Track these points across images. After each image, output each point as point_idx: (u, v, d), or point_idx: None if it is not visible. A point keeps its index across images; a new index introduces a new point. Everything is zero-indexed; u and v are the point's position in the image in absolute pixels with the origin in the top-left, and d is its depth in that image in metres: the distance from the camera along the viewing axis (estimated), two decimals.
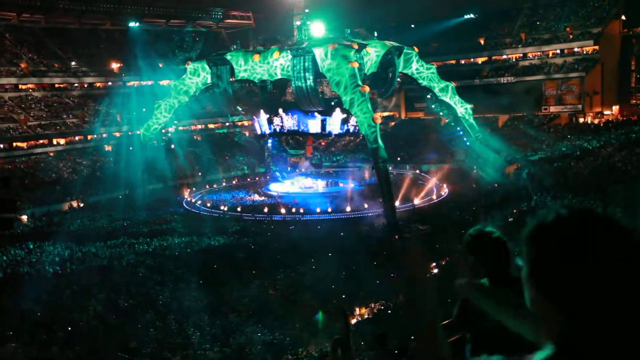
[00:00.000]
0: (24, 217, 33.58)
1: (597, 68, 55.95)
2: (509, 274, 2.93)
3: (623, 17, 58.49)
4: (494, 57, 61.94)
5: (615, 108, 55.89)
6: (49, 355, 19.37)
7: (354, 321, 21.24)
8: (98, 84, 56.70)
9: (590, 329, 1.13)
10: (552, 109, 56.46)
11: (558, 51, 58.34)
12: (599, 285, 1.11)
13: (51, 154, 47.91)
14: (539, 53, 59.53)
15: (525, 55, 60.25)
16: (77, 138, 50.50)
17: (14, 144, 46.48)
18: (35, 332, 20.42)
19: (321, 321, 20.47)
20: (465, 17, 66.99)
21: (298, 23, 45.35)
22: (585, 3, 60.26)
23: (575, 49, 57.31)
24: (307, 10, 46.39)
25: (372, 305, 22.36)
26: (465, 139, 42.47)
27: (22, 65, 52.57)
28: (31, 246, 29.52)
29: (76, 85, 55.74)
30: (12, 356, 18.24)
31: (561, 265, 1.16)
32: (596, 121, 53.33)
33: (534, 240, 1.21)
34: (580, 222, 1.16)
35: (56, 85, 54.32)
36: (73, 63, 56.73)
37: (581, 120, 54.34)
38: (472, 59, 62.63)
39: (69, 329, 21.04)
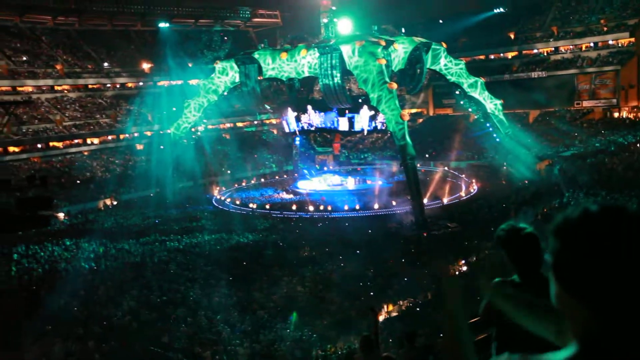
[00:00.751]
0: (61, 215, 34.04)
1: (633, 61, 54.41)
2: (540, 271, 2.93)
3: None
4: (524, 52, 60.90)
5: None
6: (85, 349, 19.79)
7: (382, 318, 21.32)
8: (130, 85, 57.42)
9: (615, 326, 1.13)
10: (585, 103, 55.29)
11: (592, 44, 57.01)
12: (626, 282, 1.11)
13: (85, 153, 48.73)
14: (571, 47, 58.20)
15: (557, 49, 59.06)
16: (110, 137, 51.31)
17: (50, 144, 47.34)
18: (72, 326, 20.90)
19: (294, 322, 20.38)
20: (495, 11, 66.11)
21: (325, 20, 45.34)
22: None
23: (610, 42, 55.98)
24: (334, 8, 46.30)
25: (401, 302, 22.24)
26: (494, 135, 42.05)
27: (58, 67, 53.47)
28: (68, 243, 30.00)
29: (109, 85, 56.54)
30: (50, 348, 18.69)
31: (588, 260, 1.15)
32: (632, 116, 51.96)
33: (560, 234, 1.21)
34: (609, 218, 1.16)
35: (90, 86, 55.16)
36: (106, 64, 57.49)
37: (616, 115, 53.10)
38: (501, 54, 61.53)
39: (104, 323, 21.48)
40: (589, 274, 1.14)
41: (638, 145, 41.97)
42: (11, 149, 44.16)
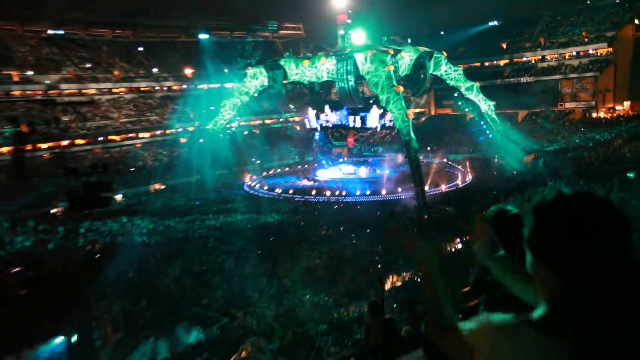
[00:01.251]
0: (118, 197, 34.63)
1: (610, 68, 54.16)
2: (522, 247, 2.96)
3: (636, 21, 56.32)
4: (514, 60, 60.48)
5: (627, 104, 53.75)
6: (138, 308, 20.32)
7: (387, 287, 21.47)
8: (175, 87, 57.77)
9: (579, 292, 1.16)
10: (567, 105, 54.92)
11: (574, 53, 56.47)
12: (588, 255, 1.14)
13: (138, 145, 49.46)
14: (556, 55, 57.75)
15: (543, 57, 58.68)
16: (158, 132, 51.94)
17: (109, 138, 48.17)
18: (127, 290, 21.45)
19: None
20: (489, 24, 65.54)
21: (341, 32, 45.09)
22: (600, 10, 58.08)
23: (590, 51, 55.42)
24: (349, 21, 45.99)
25: (404, 274, 22.31)
26: (488, 132, 41.70)
27: (116, 73, 54.35)
28: (124, 220, 30.61)
29: (157, 88, 57.05)
30: (110, 309, 19.23)
31: (557, 236, 1.19)
32: (608, 116, 51.50)
33: (536, 212, 1.25)
34: (578, 201, 1.20)
35: (142, 89, 55.70)
36: (155, 70, 58.12)
37: (594, 115, 52.53)
38: (494, 62, 61.09)
39: (154, 288, 21.99)
40: (557, 247, 1.19)
41: (613, 141, 41.55)
42: (78, 141, 44.96)
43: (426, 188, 33.96)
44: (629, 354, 1.12)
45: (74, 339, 18.11)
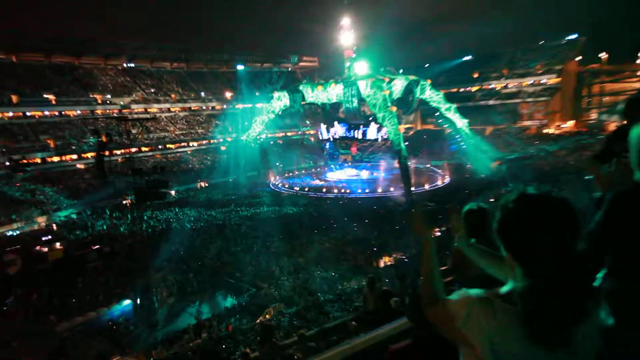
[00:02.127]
0: (173, 192, 34.73)
1: (558, 94, 53.79)
2: (490, 236, 2.88)
3: (579, 58, 55.95)
4: (483, 87, 59.80)
5: (571, 122, 53.10)
6: (187, 278, 20.44)
7: (382, 265, 21.35)
8: (217, 107, 57.91)
9: (534, 274, 1.14)
10: (525, 123, 54.21)
11: (530, 82, 55.77)
12: (544, 243, 1.12)
13: (188, 152, 49.63)
14: (516, 83, 57.03)
15: (506, 85, 57.93)
16: (204, 142, 52.06)
17: (167, 146, 48.53)
18: (179, 263, 21.58)
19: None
20: (464, 58, 65.02)
21: (348, 64, 45.03)
22: (550, 48, 57.62)
23: (543, 81, 54.81)
24: (354, 55, 45.99)
25: (395, 255, 22.23)
26: (462, 143, 41.41)
27: (173, 96, 54.78)
28: (177, 210, 30.87)
29: (204, 108, 57.19)
30: (165, 278, 19.37)
31: (518, 228, 1.16)
32: (556, 132, 50.89)
33: (502, 208, 1.22)
34: (534, 199, 1.16)
35: (192, 108, 55.97)
36: (202, 94, 58.34)
37: (545, 131, 51.95)
38: (467, 88, 60.44)
39: (199, 263, 22.10)
40: (516, 238, 1.17)
41: (560, 152, 41.17)
42: (143, 149, 45.46)
43: (413, 187, 33.67)
44: (570, 323, 1.12)
45: (138, 301, 18.30)
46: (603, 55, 55.84)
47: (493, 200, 27.71)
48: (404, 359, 2.10)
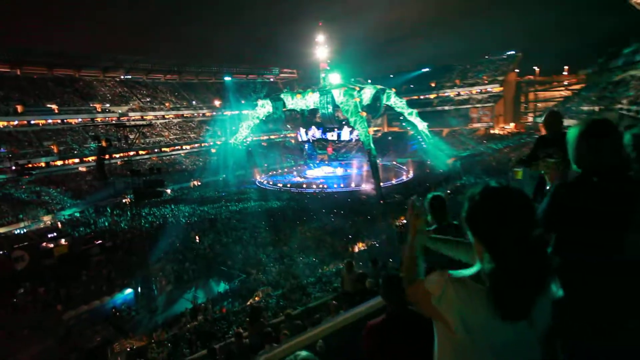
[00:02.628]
0: (168, 190, 33.87)
1: (501, 101, 55.17)
2: (447, 220, 2.95)
3: (517, 70, 58.15)
4: (440, 94, 60.64)
5: (512, 125, 54.99)
6: (183, 267, 20.05)
7: (357, 250, 21.46)
8: (208, 114, 56.73)
9: (499, 257, 1.13)
10: (475, 125, 55.44)
11: (479, 90, 56.97)
12: (502, 233, 1.12)
13: (182, 155, 48.38)
14: (467, 91, 58.22)
15: (459, 93, 58.99)
16: (196, 145, 50.74)
17: (162, 149, 47.16)
18: (175, 254, 21.15)
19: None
20: (423, 70, 65.90)
21: (323, 75, 45.05)
22: (494, 62, 59.18)
23: (488, 89, 56.11)
24: (328, 68, 46.00)
25: (367, 241, 22.40)
26: (423, 143, 41.98)
27: (167, 105, 53.34)
28: (172, 207, 30.13)
29: (196, 115, 55.85)
30: (163, 268, 18.95)
31: (483, 216, 1.16)
32: (501, 132, 52.38)
33: (469, 199, 1.20)
34: (496, 193, 1.16)
35: (185, 115, 54.54)
36: (194, 102, 57.06)
37: (492, 131, 53.36)
38: (426, 95, 61.26)
39: (194, 253, 21.70)
40: (481, 225, 1.17)
41: (504, 150, 42.23)
42: (140, 152, 44.10)
43: (381, 182, 33.92)
44: (531, 298, 1.13)
45: (139, 289, 17.87)
46: (536, 68, 58.35)
47: (449, 191, 28.37)
48: (380, 333, 2.09)
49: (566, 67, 60.44)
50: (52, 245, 20.51)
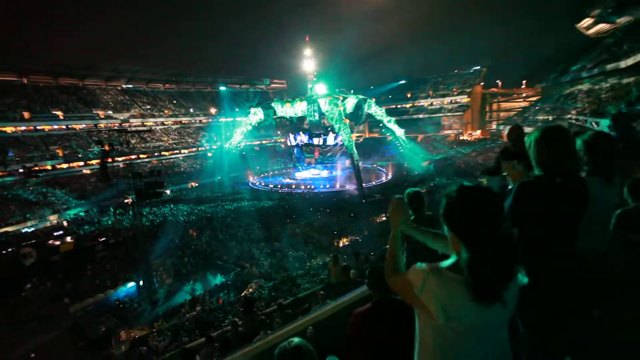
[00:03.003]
0: (168, 191, 33.29)
1: (469, 110, 55.91)
2: (423, 213, 3.03)
3: (482, 83, 58.92)
4: (415, 104, 61.11)
5: (479, 132, 55.82)
6: (182, 262, 19.74)
7: (341, 244, 21.47)
8: (204, 120, 55.93)
9: (474, 248, 1.16)
10: (446, 131, 56.08)
11: (449, 100, 57.70)
12: (476, 226, 1.15)
13: (180, 158, 47.61)
14: (439, 101, 58.88)
15: (432, 103, 59.57)
16: (193, 149, 49.98)
17: (162, 153, 46.27)
18: (175, 250, 20.80)
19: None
20: (400, 82, 66.28)
21: (310, 85, 45.05)
22: (463, 75, 59.93)
23: (458, 100, 56.84)
24: (315, 79, 46.02)
25: (351, 237, 22.50)
26: (400, 148, 42.28)
27: (166, 112, 52.31)
28: (172, 206, 29.64)
29: (193, 121, 54.99)
30: (164, 263, 18.61)
31: (459, 212, 1.19)
32: (469, 139, 53.17)
33: (446, 197, 1.22)
34: (470, 190, 1.19)
35: (183, 122, 53.56)
36: (191, 110, 56.16)
37: (461, 137, 54.15)
38: (403, 105, 61.75)
39: (192, 248, 21.40)
40: (460, 218, 1.19)
41: (472, 154, 42.89)
42: (141, 156, 43.11)
43: (363, 183, 33.98)
44: (504, 282, 1.17)
45: (141, 282, 17.53)
46: (499, 82, 59.65)
47: (424, 190, 28.65)
48: (367, 320, 2.08)
49: (524, 81, 62.18)
50: (58, 243, 19.93)
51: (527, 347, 1.66)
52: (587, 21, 40.83)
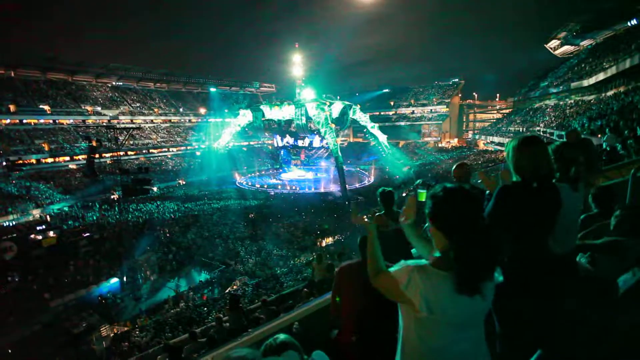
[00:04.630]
0: (155, 188, 32.41)
1: (448, 119, 57.05)
2: (392, 209, 3.09)
3: (460, 95, 60.46)
4: (397, 112, 61.91)
5: (456, 140, 57.03)
6: (167, 258, 19.26)
7: (325, 244, 21.45)
8: (193, 120, 54.83)
9: (458, 244, 1.20)
10: (426, 138, 56.83)
11: (429, 109, 58.72)
12: (461, 221, 1.20)
13: (168, 156, 46.43)
14: (420, 110, 59.86)
15: (413, 111, 60.39)
16: (182, 148, 48.91)
17: (150, 151, 45.13)
18: (160, 247, 20.30)
19: None
20: (384, 90, 67.01)
21: (298, 90, 44.96)
22: (442, 87, 61.08)
23: (437, 109, 57.92)
24: (303, 84, 45.96)
25: (334, 237, 22.50)
26: (382, 152, 42.50)
27: (156, 110, 51.12)
28: (158, 203, 28.89)
29: (182, 120, 53.88)
30: (148, 259, 18.11)
31: (443, 211, 1.23)
32: (447, 146, 54.14)
33: (431, 197, 1.26)
34: (453, 191, 1.23)
35: (172, 121, 52.38)
36: (181, 109, 55.06)
37: (440, 145, 55.13)
38: (386, 112, 62.41)
39: (178, 245, 20.89)
40: (444, 218, 1.24)
41: (449, 160, 43.63)
42: (129, 153, 41.87)
43: (347, 185, 34.08)
44: (484, 277, 1.22)
45: (125, 278, 17.03)
46: (475, 94, 61.31)
47: (404, 194, 28.96)
48: (352, 270, 2.15)
49: (498, 95, 64.23)
50: (40, 237, 19.11)
51: (501, 341, 1.70)
52: (554, 42, 42.60)
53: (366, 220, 1.55)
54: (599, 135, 13.75)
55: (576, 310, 1.68)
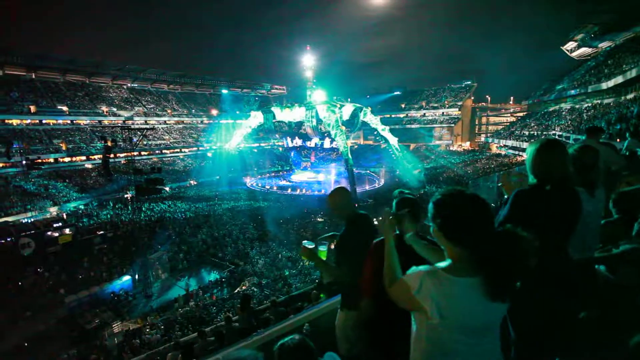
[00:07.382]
0: (167, 188, 32.85)
1: (460, 122, 56.24)
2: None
3: (472, 98, 59.46)
4: (409, 114, 61.47)
5: (468, 143, 56.26)
6: (177, 257, 19.49)
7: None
8: (205, 121, 55.48)
9: (466, 250, 1.19)
10: (437, 142, 56.17)
11: (442, 112, 58.11)
12: (466, 228, 1.18)
13: (181, 157, 47.07)
14: (431, 113, 59.29)
15: (424, 114, 59.93)
16: (194, 149, 49.52)
17: (163, 151, 45.88)
18: (172, 246, 20.54)
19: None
20: (395, 93, 66.72)
21: (309, 92, 45.00)
22: (454, 89, 60.39)
23: (449, 112, 57.30)
24: (314, 86, 46.02)
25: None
26: (393, 155, 42.29)
27: (169, 111, 51.98)
28: (170, 203, 29.25)
29: (194, 121, 54.63)
30: (160, 257, 18.36)
31: (450, 218, 1.21)
32: (459, 149, 53.46)
33: (434, 203, 1.24)
34: (458, 196, 1.21)
35: (185, 122, 53.23)
36: (193, 110, 55.83)
37: (451, 148, 54.42)
38: (397, 115, 62.01)
39: (188, 246, 21.12)
40: (450, 224, 1.21)
41: (461, 163, 43.07)
42: (143, 153, 42.67)
43: (357, 187, 33.93)
44: (492, 281, 1.19)
45: (137, 276, 17.28)
46: (488, 97, 60.37)
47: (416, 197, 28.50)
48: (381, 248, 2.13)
49: (512, 97, 63.16)
50: (57, 234, 19.59)
51: (517, 348, 1.66)
52: (571, 44, 41.70)
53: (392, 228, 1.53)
54: (618, 140, 13.39)
55: (594, 318, 1.64)
